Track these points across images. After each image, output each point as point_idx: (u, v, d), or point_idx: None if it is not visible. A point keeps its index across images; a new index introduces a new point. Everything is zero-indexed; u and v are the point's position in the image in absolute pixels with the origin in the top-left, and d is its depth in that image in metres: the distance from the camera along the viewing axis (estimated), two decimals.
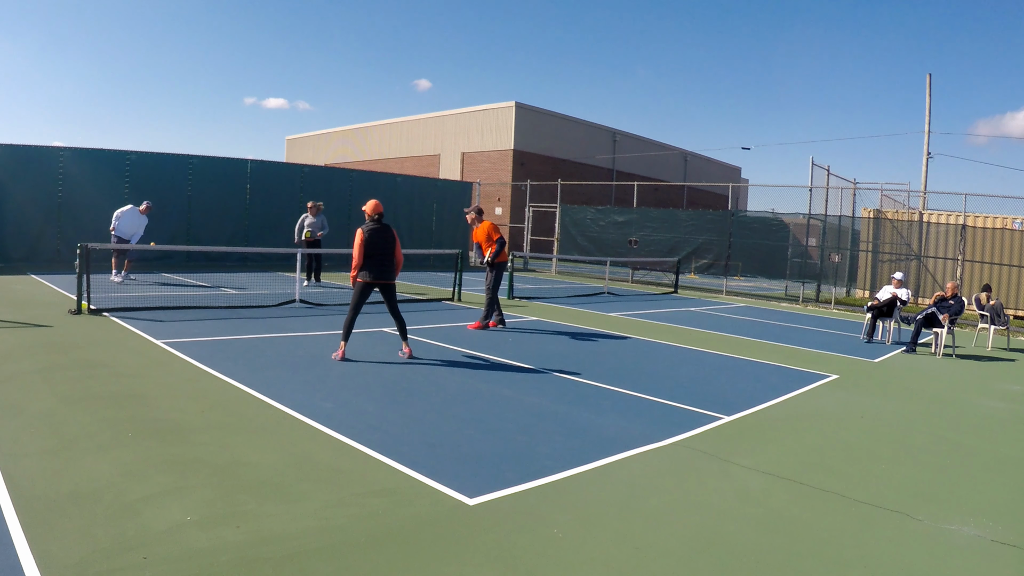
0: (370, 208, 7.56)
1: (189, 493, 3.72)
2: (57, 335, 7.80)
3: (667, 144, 47.42)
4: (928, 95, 24.16)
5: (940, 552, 3.67)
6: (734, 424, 5.90)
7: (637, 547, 3.47)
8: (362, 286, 7.38)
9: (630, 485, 4.32)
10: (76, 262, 9.41)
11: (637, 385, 7.05)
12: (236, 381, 6.16)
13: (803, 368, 8.80)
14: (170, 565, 2.94)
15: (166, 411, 5.17)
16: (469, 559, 3.22)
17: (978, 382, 8.82)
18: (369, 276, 7.36)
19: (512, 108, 36.84)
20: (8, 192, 15.98)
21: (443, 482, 4.10)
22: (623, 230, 22.71)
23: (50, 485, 3.69)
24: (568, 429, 5.38)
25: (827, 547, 3.63)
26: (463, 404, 5.91)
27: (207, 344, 7.79)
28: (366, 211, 7.60)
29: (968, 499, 4.50)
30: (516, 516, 3.72)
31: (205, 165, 19.01)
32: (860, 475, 4.82)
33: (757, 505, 4.14)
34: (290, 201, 20.69)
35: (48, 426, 4.66)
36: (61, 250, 16.48)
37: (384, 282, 7.47)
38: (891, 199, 20.29)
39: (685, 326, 12.22)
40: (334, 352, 7.45)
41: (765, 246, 20.05)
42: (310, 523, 3.46)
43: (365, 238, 7.39)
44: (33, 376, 5.96)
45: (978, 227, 17.65)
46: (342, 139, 48.38)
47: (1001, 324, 12.52)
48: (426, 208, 24.24)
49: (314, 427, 5.00)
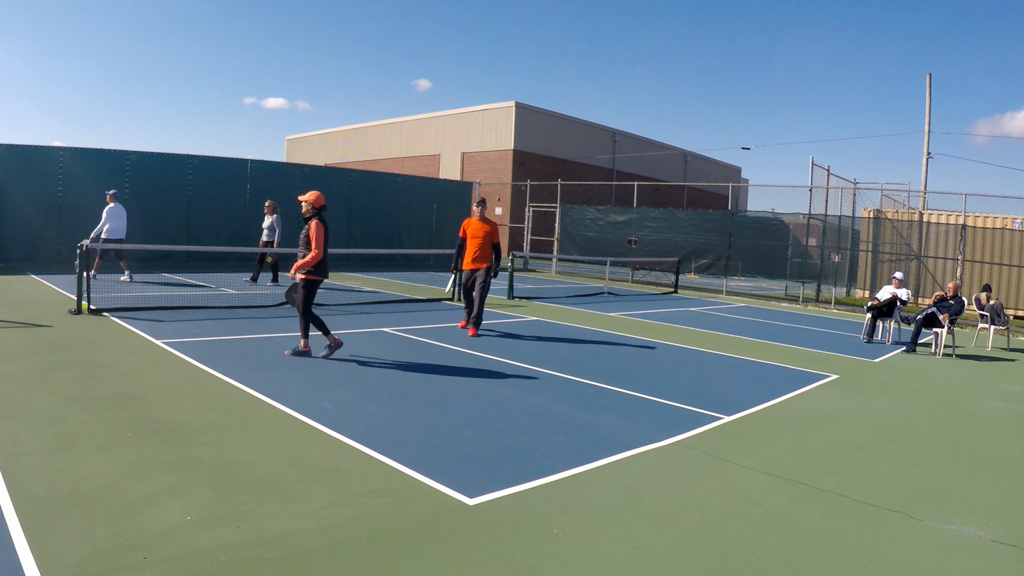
0: (316, 199, 7.15)
1: (189, 493, 3.72)
2: (57, 335, 7.80)
3: (667, 144, 47.46)
4: (928, 95, 24.17)
5: (940, 552, 3.67)
6: (734, 424, 5.90)
7: (637, 547, 3.47)
8: (316, 285, 7.15)
9: (630, 485, 4.32)
10: (76, 262, 9.41)
11: (637, 385, 7.05)
12: (236, 381, 6.16)
13: (803, 368, 8.80)
14: (170, 565, 2.94)
15: (166, 411, 5.17)
16: (469, 559, 3.22)
17: (978, 382, 8.82)
18: (324, 274, 7.19)
19: (512, 108, 36.84)
20: (8, 192, 15.97)
21: (443, 482, 4.10)
22: (623, 230, 22.71)
23: (50, 485, 3.69)
24: (568, 429, 5.38)
25: (827, 547, 3.63)
26: (463, 404, 5.91)
27: (207, 344, 7.78)
28: (309, 201, 7.13)
29: (968, 499, 4.50)
30: (516, 516, 3.72)
31: (205, 165, 19.00)
32: (860, 475, 4.82)
33: (757, 505, 4.14)
34: (290, 201, 20.62)
35: (48, 426, 4.66)
36: (61, 250, 16.47)
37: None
38: (891, 199, 20.30)
39: (685, 326, 12.22)
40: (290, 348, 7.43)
41: (765, 246, 20.05)
42: (310, 523, 3.46)
43: (326, 232, 7.03)
44: (33, 376, 5.96)
45: (978, 227, 17.65)
46: (342, 139, 48.38)
47: (1001, 324, 12.52)
48: (426, 208, 24.23)
49: (314, 427, 5.00)
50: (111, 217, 13.05)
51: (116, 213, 13.15)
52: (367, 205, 22.52)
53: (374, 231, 22.62)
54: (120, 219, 13.21)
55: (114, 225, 13.09)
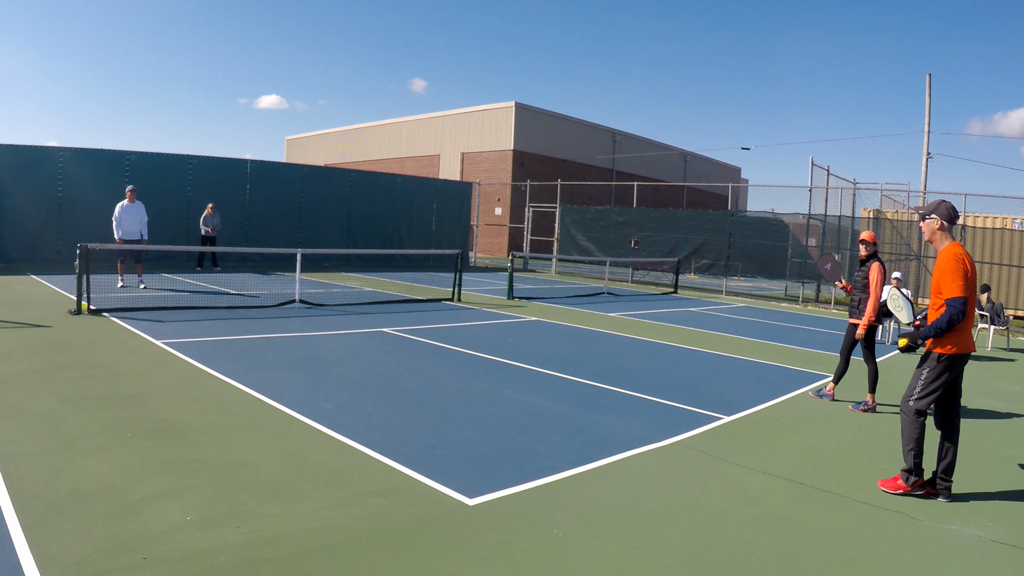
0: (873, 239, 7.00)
1: (189, 493, 3.72)
2: (57, 335, 7.80)
3: (667, 144, 47.49)
4: (928, 95, 24.16)
5: (940, 552, 3.67)
6: (734, 424, 5.90)
7: (637, 547, 3.47)
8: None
9: (630, 485, 4.32)
10: (76, 262, 9.41)
11: (637, 385, 7.05)
12: (236, 381, 6.15)
13: (803, 368, 8.80)
14: (170, 565, 2.94)
15: (166, 411, 5.17)
16: (469, 559, 3.22)
17: (978, 382, 8.82)
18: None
19: (512, 108, 36.85)
20: (8, 192, 15.97)
21: (443, 482, 4.10)
22: (623, 230, 22.71)
23: (50, 485, 3.69)
24: (568, 429, 5.38)
25: (827, 547, 3.63)
26: (463, 404, 5.91)
27: (207, 344, 7.78)
28: (869, 241, 6.97)
29: (968, 499, 4.50)
30: (516, 516, 3.72)
31: (205, 165, 19.01)
32: (860, 475, 4.82)
33: (757, 505, 4.14)
34: (290, 201, 20.71)
35: (48, 426, 4.65)
36: (61, 250, 16.47)
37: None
38: (891, 199, 20.30)
39: (685, 326, 12.21)
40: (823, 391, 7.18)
41: (765, 246, 20.04)
42: (310, 523, 3.46)
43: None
44: (33, 376, 5.95)
45: (978, 227, 17.65)
46: (342, 139, 48.39)
47: (1001, 324, 12.52)
48: (426, 208, 24.23)
49: (314, 427, 5.00)
50: (120, 216, 12.21)
51: (125, 212, 12.27)
52: (367, 205, 22.52)
53: (374, 231, 22.63)
54: (130, 220, 12.28)
55: (126, 226, 12.20)
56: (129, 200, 12.41)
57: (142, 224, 12.49)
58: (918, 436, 4.43)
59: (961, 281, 4.28)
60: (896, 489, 4.44)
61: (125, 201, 12.42)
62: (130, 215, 12.35)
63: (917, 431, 4.43)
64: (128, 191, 12.56)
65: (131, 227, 12.34)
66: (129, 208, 12.37)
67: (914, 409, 4.44)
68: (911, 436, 4.43)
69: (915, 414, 4.44)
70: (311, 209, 21.12)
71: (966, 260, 4.36)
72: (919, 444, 4.42)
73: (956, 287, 4.28)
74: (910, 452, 4.42)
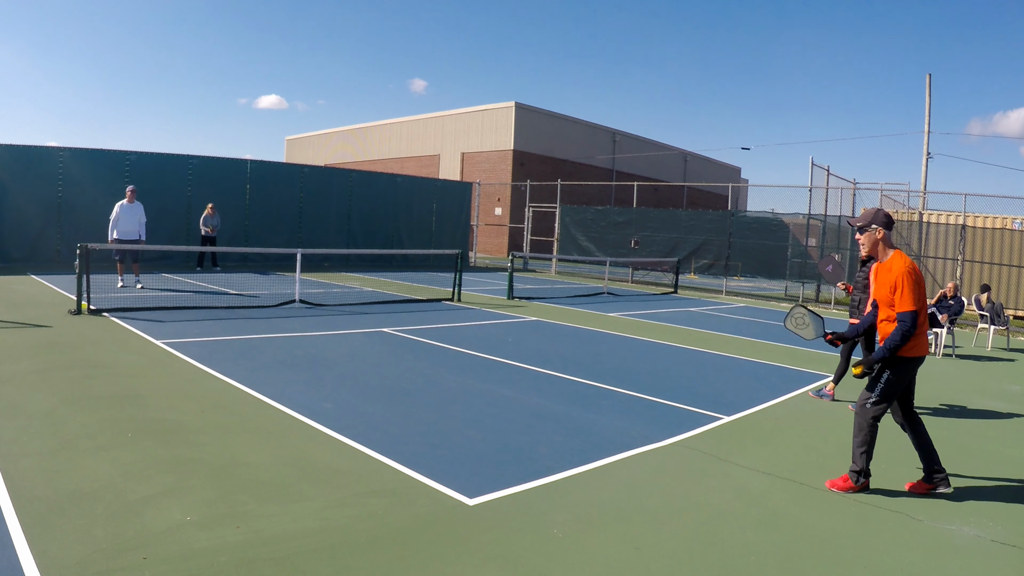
0: None
1: (189, 493, 3.72)
2: (57, 335, 7.80)
3: (667, 144, 47.49)
4: (928, 95, 24.17)
5: (940, 552, 3.67)
6: (734, 424, 5.90)
7: (637, 547, 3.47)
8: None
9: (630, 485, 4.32)
10: (76, 262, 9.41)
11: (637, 385, 7.05)
12: (236, 381, 6.15)
13: (803, 368, 8.80)
14: (170, 565, 2.94)
15: (166, 411, 5.17)
16: (469, 559, 3.22)
17: (978, 382, 8.82)
18: None
19: (512, 108, 36.85)
20: (8, 192, 15.97)
21: (443, 482, 4.10)
22: (623, 230, 22.71)
23: (50, 485, 3.69)
24: (568, 429, 5.38)
25: (827, 547, 3.63)
26: (463, 404, 5.91)
27: (207, 344, 7.78)
28: None
29: (968, 499, 4.50)
30: (516, 516, 3.72)
31: (205, 165, 19.00)
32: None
33: (757, 505, 4.14)
34: (290, 201, 20.71)
35: (48, 426, 4.66)
36: (61, 250, 16.47)
37: None
38: (891, 199, 20.31)
39: (685, 326, 12.22)
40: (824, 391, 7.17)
41: (765, 246, 20.04)
42: (310, 523, 3.46)
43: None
44: (33, 376, 5.96)
45: (978, 227, 17.65)
46: (342, 139, 48.39)
47: (1001, 324, 12.52)
48: (426, 208, 24.23)
49: (314, 427, 5.00)
50: (118, 216, 12.12)
51: (123, 212, 12.18)
52: (367, 205, 22.53)
53: (374, 231, 22.63)
54: (128, 220, 12.19)
55: (123, 226, 12.16)
56: (129, 200, 12.38)
57: (140, 225, 12.46)
58: (871, 439, 4.46)
59: (914, 296, 4.33)
60: (846, 489, 4.46)
61: (124, 201, 12.39)
62: (128, 215, 12.33)
63: (871, 434, 4.47)
64: (128, 191, 12.54)
65: (128, 227, 12.32)
66: (128, 208, 12.35)
67: (871, 414, 4.46)
68: (864, 439, 4.46)
69: (871, 418, 4.46)
70: (311, 209, 21.13)
71: (916, 271, 4.41)
72: (871, 446, 4.47)
73: (909, 301, 4.32)
74: (862, 454, 4.45)
